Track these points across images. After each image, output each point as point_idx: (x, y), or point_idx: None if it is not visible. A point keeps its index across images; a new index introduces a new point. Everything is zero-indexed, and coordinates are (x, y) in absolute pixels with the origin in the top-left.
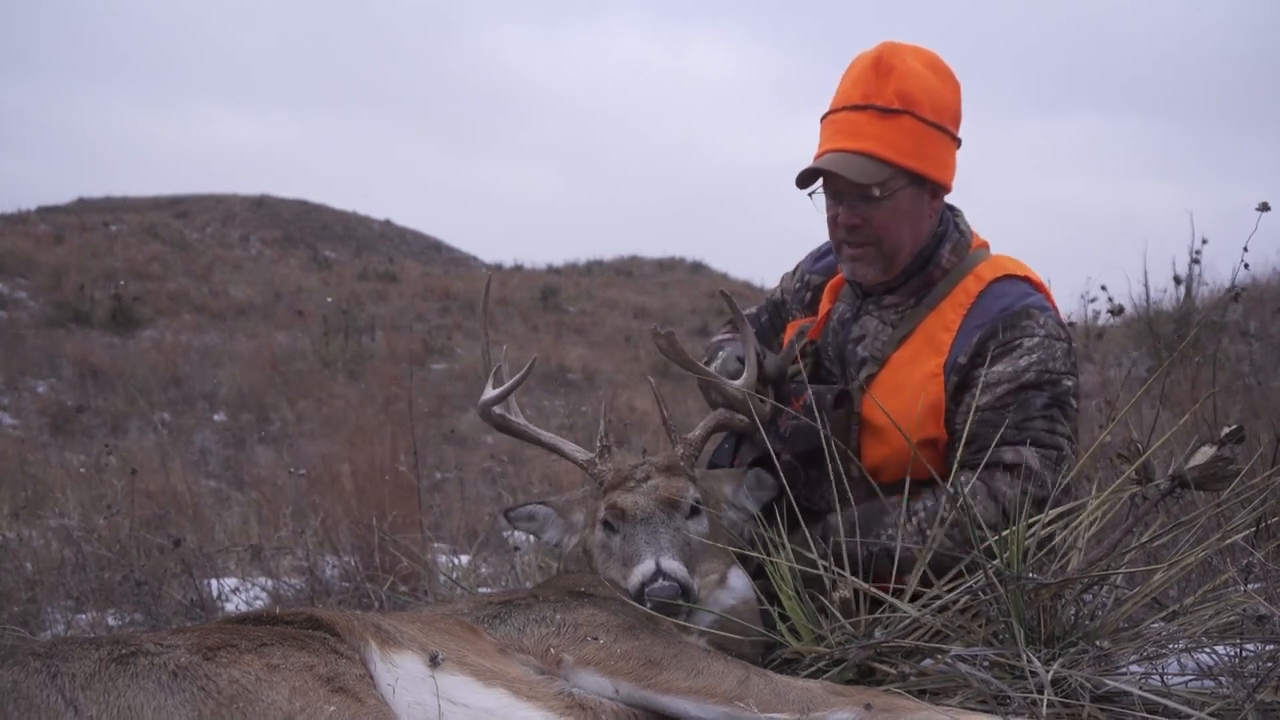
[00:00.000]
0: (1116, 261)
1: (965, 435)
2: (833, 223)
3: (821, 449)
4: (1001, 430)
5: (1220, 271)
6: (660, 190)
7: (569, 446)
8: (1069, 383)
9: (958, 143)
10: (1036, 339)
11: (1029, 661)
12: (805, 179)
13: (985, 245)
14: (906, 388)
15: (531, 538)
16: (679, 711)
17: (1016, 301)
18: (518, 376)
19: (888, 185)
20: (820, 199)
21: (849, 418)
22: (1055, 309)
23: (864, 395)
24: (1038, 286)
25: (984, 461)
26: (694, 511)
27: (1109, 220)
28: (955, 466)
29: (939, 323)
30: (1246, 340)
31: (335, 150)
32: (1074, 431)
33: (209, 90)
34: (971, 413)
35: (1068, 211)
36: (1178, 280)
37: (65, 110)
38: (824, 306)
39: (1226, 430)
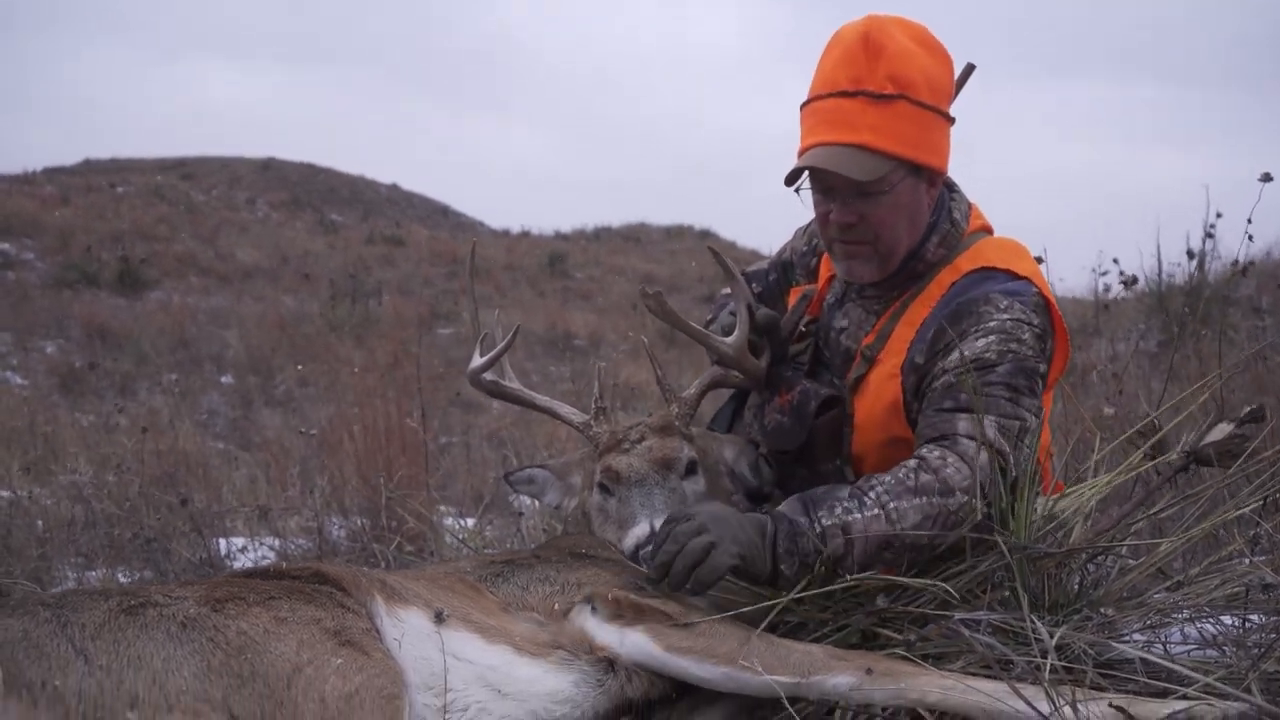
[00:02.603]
0: (1130, 233)
1: (921, 419)
2: (824, 220)
3: (794, 452)
4: (958, 401)
5: (1235, 246)
6: (667, 157)
7: (564, 409)
8: (1040, 366)
9: (952, 121)
10: (995, 322)
11: (1033, 627)
12: (796, 175)
13: (985, 228)
14: (886, 389)
15: (535, 502)
16: (679, 670)
17: (981, 292)
18: (503, 344)
19: (886, 179)
20: (808, 196)
21: (840, 420)
22: (1046, 297)
23: (854, 396)
24: (1030, 278)
25: (940, 433)
26: (689, 471)
27: (1123, 190)
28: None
29: (908, 320)
30: (1258, 316)
31: (338, 112)
32: (1039, 414)
33: (205, 48)
34: (926, 400)
35: (1081, 180)
36: (1190, 254)
37: (64, 68)
38: (823, 275)
39: (1247, 410)
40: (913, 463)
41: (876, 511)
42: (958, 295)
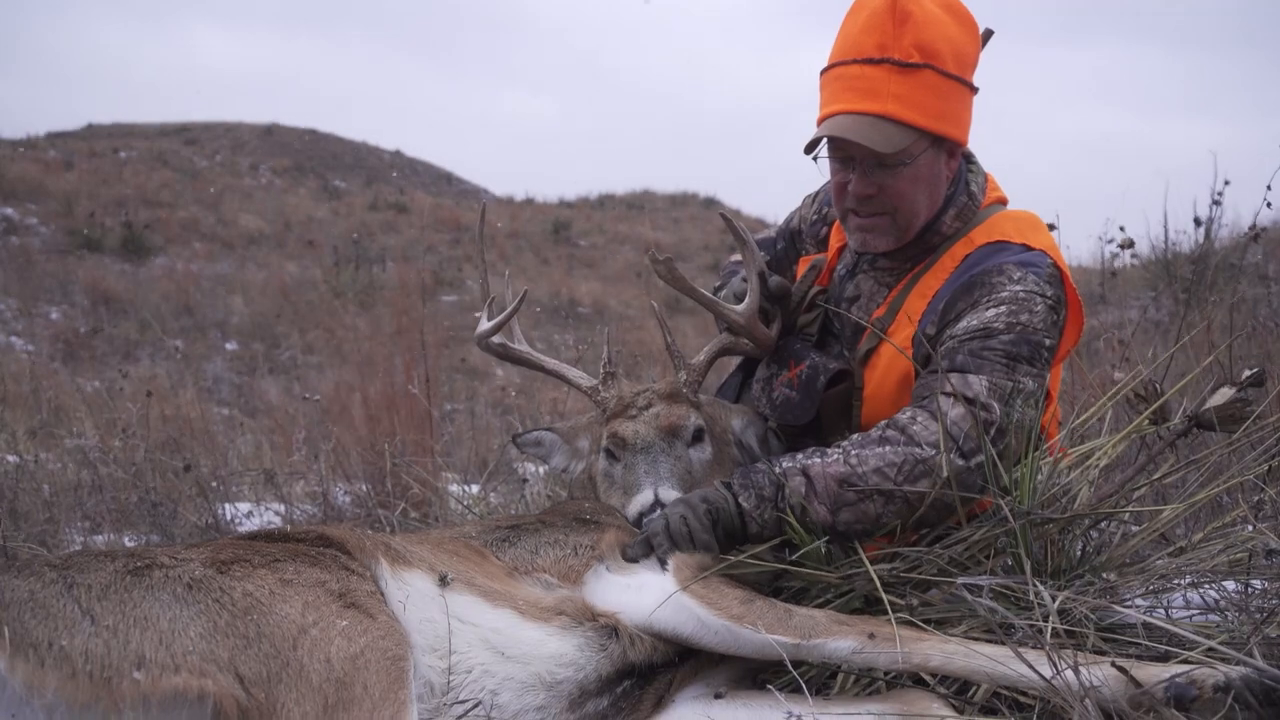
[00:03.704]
0: (1138, 200)
1: (917, 382)
2: (840, 190)
3: (802, 428)
4: (953, 362)
5: (1247, 213)
6: (672, 124)
7: (573, 373)
8: (1046, 340)
9: (975, 92)
10: (1008, 293)
11: (1036, 592)
12: (816, 143)
13: (1001, 200)
14: (897, 361)
15: (540, 468)
16: (680, 627)
17: (995, 263)
18: (510, 308)
19: (908, 151)
20: (825, 163)
21: (849, 394)
22: (1060, 270)
23: (865, 369)
24: (1046, 250)
25: (924, 394)
26: (696, 438)
27: (1133, 156)
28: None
29: (919, 292)
30: (1265, 283)
31: (340, 78)
32: (1042, 388)
33: (202, 10)
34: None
35: (1090, 146)
36: (1198, 222)
37: (65, 30)
38: (833, 245)
39: (1248, 373)
40: (882, 423)
41: (837, 456)
42: (971, 267)
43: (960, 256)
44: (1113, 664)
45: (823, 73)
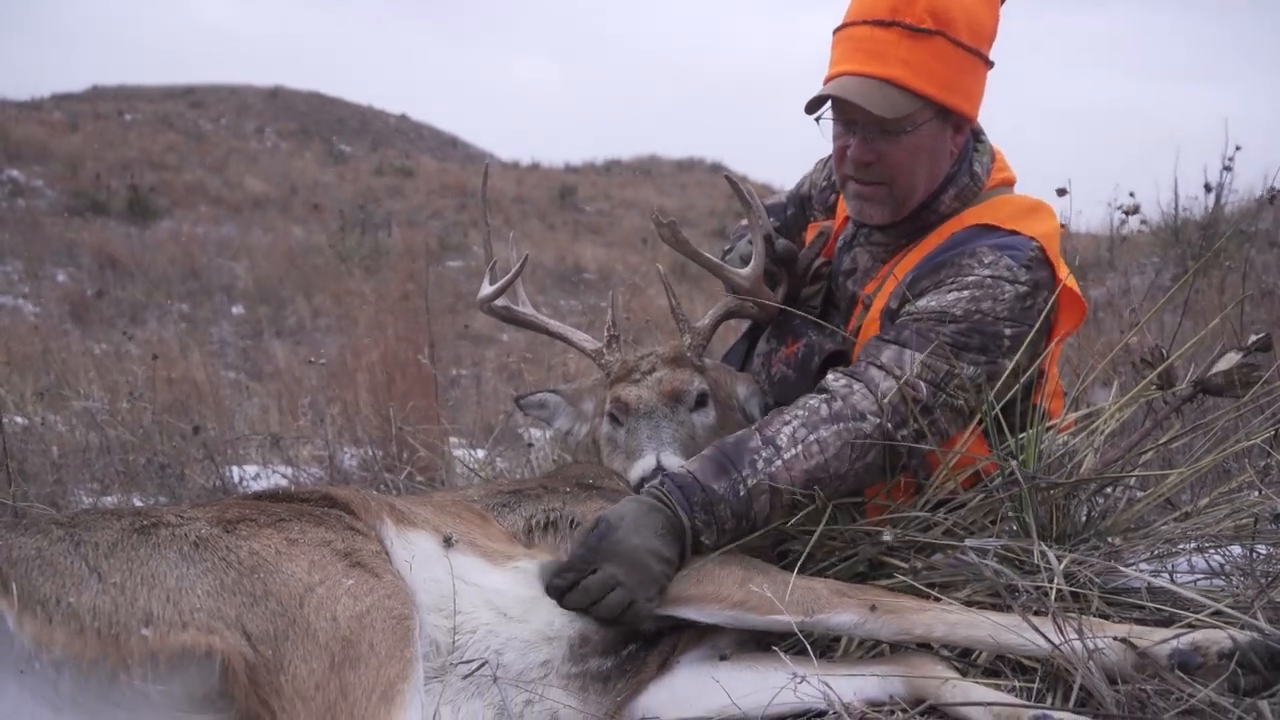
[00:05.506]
0: (1150, 167)
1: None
2: (840, 155)
3: None
4: (898, 334)
5: (1258, 180)
6: (679, 88)
7: (577, 336)
8: (1006, 330)
9: (990, 66)
10: (974, 277)
11: (1041, 554)
12: (819, 103)
13: (1007, 180)
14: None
15: (545, 432)
16: (683, 617)
17: (970, 245)
18: (512, 271)
19: (911, 118)
20: (828, 126)
21: None
22: (1048, 257)
23: (857, 345)
24: (1036, 237)
25: (859, 359)
26: (699, 403)
27: (1143, 122)
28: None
29: (903, 268)
30: (1275, 249)
31: (344, 41)
32: (988, 368)
33: None
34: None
35: (1101, 111)
36: (1208, 188)
37: None
38: (840, 213)
39: (1254, 338)
40: (821, 395)
41: (796, 451)
42: (949, 247)
43: (946, 235)
44: (1115, 636)
45: (835, 31)
